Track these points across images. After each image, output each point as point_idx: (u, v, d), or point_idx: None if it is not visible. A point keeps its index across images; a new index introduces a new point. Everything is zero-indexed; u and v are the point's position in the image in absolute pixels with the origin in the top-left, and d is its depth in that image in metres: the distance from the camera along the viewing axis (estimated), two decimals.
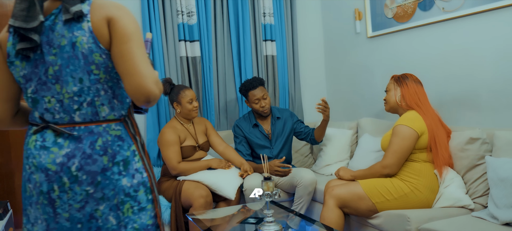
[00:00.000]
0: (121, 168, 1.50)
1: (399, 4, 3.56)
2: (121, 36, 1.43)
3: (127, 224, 1.51)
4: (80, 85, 1.46)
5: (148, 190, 1.56)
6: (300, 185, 3.24)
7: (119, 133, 1.52)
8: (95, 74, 1.47)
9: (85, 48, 1.44)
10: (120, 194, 1.50)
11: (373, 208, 2.68)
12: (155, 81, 1.44)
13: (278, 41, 4.27)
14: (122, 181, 1.50)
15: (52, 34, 1.45)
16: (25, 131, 1.62)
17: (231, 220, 2.80)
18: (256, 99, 3.50)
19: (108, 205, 1.49)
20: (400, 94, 2.88)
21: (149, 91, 1.42)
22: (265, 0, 4.18)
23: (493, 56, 2.90)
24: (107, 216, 1.49)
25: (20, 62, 1.49)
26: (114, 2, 1.50)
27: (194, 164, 3.28)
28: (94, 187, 1.47)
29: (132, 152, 1.54)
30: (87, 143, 1.47)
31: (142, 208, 1.54)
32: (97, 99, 1.49)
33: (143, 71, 1.41)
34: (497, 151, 2.54)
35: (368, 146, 3.43)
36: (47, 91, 1.48)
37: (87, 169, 1.45)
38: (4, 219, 3.00)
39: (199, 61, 3.91)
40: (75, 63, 1.45)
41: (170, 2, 3.77)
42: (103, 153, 1.47)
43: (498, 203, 2.30)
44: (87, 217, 1.48)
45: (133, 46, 1.43)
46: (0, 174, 3.51)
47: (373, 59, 3.93)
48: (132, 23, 1.46)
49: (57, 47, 1.45)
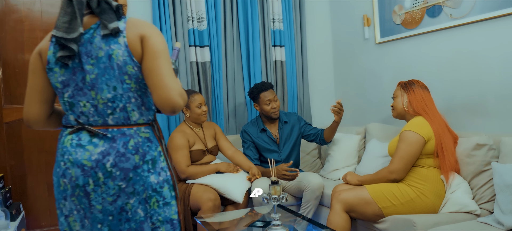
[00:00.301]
0: (149, 166, 1.67)
1: (407, 10, 3.58)
2: (152, 53, 1.61)
3: (152, 216, 1.68)
4: (114, 92, 1.63)
5: (171, 187, 1.73)
6: (308, 189, 3.27)
7: (148, 135, 1.69)
8: (127, 84, 1.64)
9: (120, 60, 1.61)
10: (148, 189, 1.67)
11: (379, 212, 2.70)
12: (180, 94, 1.61)
13: (287, 47, 4.31)
14: (150, 177, 1.67)
15: (90, 46, 1.62)
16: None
17: (239, 223, 2.83)
18: (268, 100, 3.53)
19: (137, 199, 1.65)
20: (407, 101, 2.90)
21: (174, 103, 1.59)
22: (275, 6, 4.23)
23: (500, 63, 2.91)
24: (136, 208, 1.66)
25: (59, 69, 1.65)
26: (146, 22, 1.69)
27: (203, 168, 3.32)
28: (126, 182, 1.63)
29: (158, 152, 1.71)
30: (121, 143, 1.63)
31: (167, 202, 1.71)
32: (129, 105, 1.65)
33: (170, 85, 1.58)
34: (504, 157, 2.55)
35: (376, 151, 3.45)
36: (83, 96, 1.65)
37: (121, 166, 1.61)
38: (16, 220, 3.07)
39: (209, 66, 3.96)
40: (110, 73, 1.62)
41: (181, 8, 3.83)
42: (135, 152, 1.64)
43: (504, 209, 2.31)
44: (118, 210, 1.65)
45: (162, 63, 1.60)
46: (13, 176, 3.58)
47: (381, 65, 3.95)
48: (162, 42, 1.64)
49: (94, 58, 1.61)
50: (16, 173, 3.59)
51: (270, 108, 3.54)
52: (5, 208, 2.88)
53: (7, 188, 3.23)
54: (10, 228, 2.87)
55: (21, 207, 3.42)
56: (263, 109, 3.57)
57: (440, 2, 3.27)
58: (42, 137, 3.64)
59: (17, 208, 3.22)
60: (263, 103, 3.55)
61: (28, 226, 3.60)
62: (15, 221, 3.04)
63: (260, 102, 3.57)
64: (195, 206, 3.12)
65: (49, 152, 3.67)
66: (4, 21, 3.53)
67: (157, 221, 1.70)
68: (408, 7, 3.58)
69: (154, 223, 1.70)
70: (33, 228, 3.63)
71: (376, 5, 3.92)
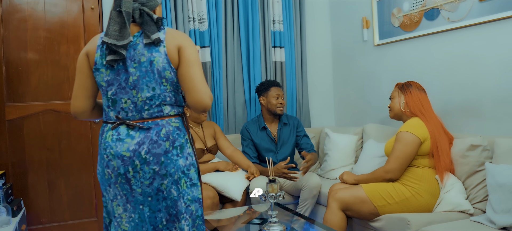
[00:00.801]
0: (178, 151, 1.91)
1: (406, 13, 3.63)
2: (187, 62, 1.88)
3: (184, 196, 1.92)
4: (152, 92, 1.89)
5: (196, 170, 1.98)
6: (305, 188, 3.31)
7: (177, 125, 1.94)
8: (164, 86, 1.90)
9: (160, 66, 1.87)
10: (178, 171, 1.91)
11: (375, 211, 2.75)
12: (210, 97, 1.90)
13: (287, 48, 4.36)
14: (179, 161, 1.91)
15: (134, 51, 1.89)
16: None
17: (237, 221, 2.87)
18: (276, 95, 3.63)
19: (170, 180, 1.90)
20: (404, 102, 2.94)
21: (205, 104, 1.89)
22: (275, 8, 4.27)
23: (496, 66, 2.94)
24: (170, 188, 1.90)
25: (105, 70, 1.92)
26: (183, 34, 1.96)
27: (202, 166, 3.36)
28: (159, 166, 1.87)
29: (186, 139, 1.96)
30: (154, 132, 1.88)
31: (194, 184, 1.96)
32: (164, 102, 1.92)
33: (202, 89, 1.87)
34: (497, 158, 2.59)
35: (372, 151, 3.49)
36: (125, 94, 1.91)
37: (154, 151, 1.86)
38: (17, 216, 3.11)
39: (209, 66, 4.01)
40: (150, 76, 1.88)
41: (182, 9, 3.88)
42: (165, 139, 1.88)
43: (496, 208, 2.36)
44: (155, 191, 1.90)
45: (196, 70, 1.88)
46: (14, 173, 3.62)
47: (380, 66, 3.99)
48: (195, 52, 1.91)
49: (137, 62, 1.88)
50: (18, 170, 3.64)
51: (277, 103, 3.61)
52: (6, 204, 2.93)
53: (8, 185, 3.27)
54: (11, 224, 2.91)
55: (22, 203, 3.46)
56: (270, 103, 3.63)
57: (438, 5, 3.32)
58: (44, 135, 3.69)
59: (18, 204, 3.26)
60: (271, 97, 3.62)
61: (29, 223, 3.64)
62: (16, 217, 3.09)
63: (268, 95, 3.64)
64: None
65: (51, 150, 3.71)
66: (8, 20, 3.58)
67: (187, 200, 1.93)
68: (406, 10, 3.62)
69: (186, 202, 1.93)
70: (34, 224, 3.67)
71: (375, 7, 3.96)
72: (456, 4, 3.16)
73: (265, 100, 3.67)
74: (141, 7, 1.91)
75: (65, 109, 3.73)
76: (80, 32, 3.79)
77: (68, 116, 3.74)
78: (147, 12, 1.90)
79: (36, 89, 3.67)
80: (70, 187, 3.78)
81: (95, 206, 3.85)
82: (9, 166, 3.59)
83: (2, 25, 3.57)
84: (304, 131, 3.76)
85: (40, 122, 3.68)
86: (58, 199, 3.75)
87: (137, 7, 1.91)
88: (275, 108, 3.62)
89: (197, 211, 1.96)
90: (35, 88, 3.67)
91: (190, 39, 1.95)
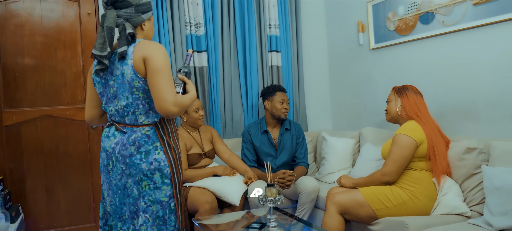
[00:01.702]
0: (142, 156, 2.11)
1: (401, 17, 3.66)
2: (151, 71, 2.02)
3: (144, 196, 2.12)
4: (127, 101, 2.13)
5: (164, 175, 2.13)
6: (303, 192, 3.32)
7: (148, 133, 2.14)
8: (136, 94, 2.11)
9: (129, 77, 2.08)
10: (140, 174, 2.11)
11: (373, 214, 2.76)
12: (174, 103, 2.02)
13: (283, 52, 4.38)
14: (142, 165, 2.11)
15: (113, 66, 2.15)
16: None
17: (236, 225, 2.88)
18: (282, 99, 3.64)
19: (133, 180, 2.13)
20: (401, 105, 2.97)
21: (167, 111, 2.02)
22: (271, 12, 4.30)
23: (491, 69, 2.98)
24: (132, 187, 2.13)
25: (98, 83, 2.22)
26: (152, 44, 2.10)
27: (200, 171, 3.37)
28: (125, 166, 2.13)
29: (154, 147, 2.13)
30: (126, 136, 2.14)
31: (157, 187, 2.13)
32: (137, 110, 2.13)
33: (164, 97, 2.00)
34: (493, 161, 2.61)
35: (370, 154, 3.51)
36: (111, 104, 2.20)
37: (122, 153, 2.13)
38: (16, 222, 3.11)
39: (206, 71, 4.02)
40: (124, 87, 2.11)
41: (179, 14, 3.89)
42: (132, 144, 2.12)
43: (493, 211, 2.38)
44: (122, 186, 2.17)
45: (160, 79, 2.01)
46: (12, 178, 3.62)
47: (376, 70, 4.02)
48: (160, 61, 2.03)
49: (115, 75, 2.14)
50: (15, 175, 3.63)
51: (282, 108, 3.63)
52: (5, 210, 2.92)
53: (6, 191, 3.27)
54: (10, 230, 2.91)
55: (20, 209, 3.46)
56: (275, 107, 3.64)
57: (432, 9, 3.35)
58: (41, 140, 3.69)
59: (17, 210, 3.26)
60: (277, 101, 3.64)
61: (27, 228, 3.63)
62: (15, 223, 3.08)
63: (273, 100, 3.65)
64: (193, 209, 3.17)
65: (48, 155, 3.71)
66: (4, 26, 3.58)
67: (149, 201, 2.12)
68: (401, 14, 3.66)
69: (146, 202, 2.12)
70: (32, 230, 3.67)
71: (370, 11, 3.99)
72: (451, 8, 3.19)
73: (270, 104, 3.68)
74: (125, 22, 2.12)
75: (63, 115, 3.73)
76: (77, 37, 3.79)
77: (66, 121, 3.75)
78: (125, 27, 2.10)
79: (33, 95, 3.67)
80: (68, 193, 3.78)
81: (93, 211, 3.85)
82: (7, 171, 3.59)
83: None
84: (302, 139, 3.76)
85: (37, 127, 3.68)
86: (56, 205, 3.75)
87: (121, 23, 2.13)
88: (279, 113, 3.63)
89: (158, 212, 2.14)
90: (32, 94, 3.67)
91: (159, 49, 2.07)
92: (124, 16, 2.13)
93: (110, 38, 2.09)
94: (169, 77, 2.04)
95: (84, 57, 3.80)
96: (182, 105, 2.07)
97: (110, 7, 2.13)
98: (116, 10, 2.13)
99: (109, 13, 2.11)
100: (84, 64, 3.80)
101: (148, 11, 2.21)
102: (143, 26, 2.21)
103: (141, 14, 2.17)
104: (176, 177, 2.18)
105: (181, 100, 2.07)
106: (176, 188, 2.18)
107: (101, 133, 3.84)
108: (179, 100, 2.06)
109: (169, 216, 2.16)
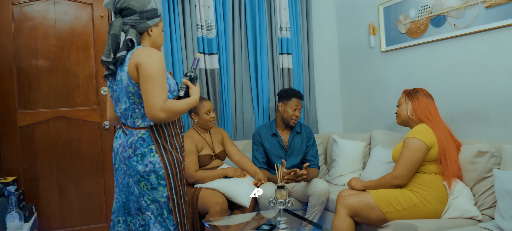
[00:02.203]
0: (138, 158, 2.19)
1: (412, 20, 3.65)
2: (142, 77, 2.09)
3: (144, 195, 2.21)
4: (125, 105, 2.23)
5: (159, 177, 2.19)
6: (314, 194, 3.33)
7: (143, 136, 2.21)
8: (132, 99, 2.19)
9: (125, 83, 2.17)
10: (137, 175, 2.20)
11: (383, 217, 2.76)
12: (161, 110, 2.07)
13: (294, 55, 4.39)
14: (138, 167, 2.19)
15: (117, 72, 2.23)
16: None
17: (246, 227, 2.89)
18: (295, 106, 3.64)
19: (133, 180, 2.23)
20: (411, 108, 2.96)
21: (153, 116, 2.09)
22: (282, 15, 4.31)
23: (503, 72, 2.96)
24: (133, 186, 2.24)
25: (109, 88, 2.35)
26: (146, 50, 2.15)
27: (211, 173, 3.39)
28: (126, 166, 2.24)
29: (149, 149, 2.20)
30: (126, 138, 2.24)
31: (154, 187, 2.20)
32: (134, 114, 2.22)
33: (151, 103, 2.07)
34: (505, 164, 2.60)
35: (380, 157, 3.50)
36: (117, 107, 2.32)
37: (122, 154, 2.25)
38: (29, 222, 3.15)
39: (217, 73, 4.04)
40: (123, 92, 2.21)
41: (190, 17, 3.92)
42: (129, 147, 2.21)
43: (504, 215, 2.37)
44: (126, 185, 2.29)
45: (149, 84, 2.07)
46: (25, 179, 3.67)
47: (387, 73, 4.01)
48: (151, 67, 2.08)
49: (117, 80, 2.23)
50: (29, 175, 3.68)
51: (293, 115, 3.63)
52: (19, 210, 2.97)
53: (20, 191, 3.31)
54: (23, 229, 2.95)
55: (34, 209, 3.51)
56: (286, 112, 3.65)
57: (444, 12, 3.34)
58: (55, 142, 3.74)
59: (30, 210, 3.31)
60: (290, 107, 3.64)
61: (40, 228, 3.68)
62: (28, 223, 3.13)
63: (287, 104, 3.66)
64: (203, 210, 3.19)
65: (61, 156, 3.76)
66: (19, 28, 3.64)
67: (148, 200, 2.21)
68: (413, 16, 3.65)
69: (146, 201, 2.21)
70: (45, 229, 3.72)
71: (381, 14, 3.99)
72: (463, 11, 3.18)
73: (282, 107, 3.69)
74: (130, 29, 2.22)
75: (76, 116, 3.78)
76: (90, 40, 3.84)
77: (79, 122, 3.80)
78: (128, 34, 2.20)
79: (47, 96, 3.73)
80: (80, 193, 3.83)
81: (105, 211, 3.90)
82: (20, 172, 3.64)
83: (13, 33, 3.63)
84: (313, 142, 3.76)
85: (51, 128, 3.73)
86: (69, 205, 3.79)
87: (127, 30, 2.22)
88: (289, 119, 3.64)
89: (158, 210, 2.22)
90: (46, 95, 3.72)
91: (151, 55, 2.11)
92: (130, 23, 2.21)
93: (115, 45, 2.20)
94: (161, 83, 2.09)
95: (97, 59, 3.84)
96: (172, 111, 2.12)
97: (118, 16, 2.23)
98: (123, 18, 2.22)
99: (115, 21, 2.22)
100: (97, 67, 3.85)
101: (154, 18, 2.26)
102: (150, 33, 2.27)
103: (146, 21, 2.23)
104: (172, 179, 2.23)
105: (170, 106, 2.11)
106: (171, 190, 2.23)
107: (113, 134, 3.88)
108: (169, 106, 2.10)
109: (168, 216, 2.23)
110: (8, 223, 2.87)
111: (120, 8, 2.21)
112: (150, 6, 2.25)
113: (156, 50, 2.17)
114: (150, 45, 2.28)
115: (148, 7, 2.24)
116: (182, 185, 2.29)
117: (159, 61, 2.11)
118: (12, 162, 3.62)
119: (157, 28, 2.30)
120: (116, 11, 2.24)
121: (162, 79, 2.10)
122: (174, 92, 2.25)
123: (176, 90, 2.27)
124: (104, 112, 3.86)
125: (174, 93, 2.25)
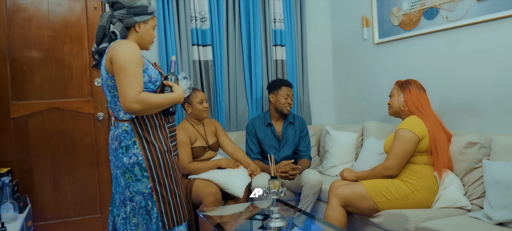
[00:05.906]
0: (123, 150, 2.24)
1: (405, 12, 3.67)
2: (116, 69, 2.11)
3: (129, 187, 2.26)
4: (109, 98, 2.29)
5: (142, 169, 2.24)
6: (306, 185, 3.36)
7: (127, 129, 2.25)
8: (111, 92, 2.25)
9: (104, 76, 2.24)
10: (123, 167, 2.25)
11: (374, 207, 2.80)
12: (134, 101, 2.08)
13: (288, 46, 4.41)
14: (123, 159, 2.24)
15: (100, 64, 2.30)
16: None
17: (240, 217, 2.92)
18: (286, 95, 3.68)
19: (119, 172, 2.29)
20: (403, 100, 2.99)
21: (127, 108, 2.10)
22: (276, 7, 4.32)
23: (494, 65, 2.99)
24: (120, 178, 2.30)
25: None
26: (119, 43, 2.17)
27: (204, 164, 3.41)
28: (114, 158, 2.30)
29: (133, 142, 2.24)
30: (113, 131, 2.30)
31: (138, 179, 2.24)
32: (116, 107, 2.27)
33: (125, 95, 2.08)
34: (495, 155, 2.64)
35: (372, 148, 3.54)
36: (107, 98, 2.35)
37: (111, 146, 2.31)
38: (24, 213, 3.16)
39: (211, 65, 4.05)
40: (105, 85, 2.27)
41: (184, 8, 3.92)
42: (115, 139, 2.27)
43: (493, 204, 2.41)
44: (115, 175, 2.36)
45: (121, 77, 2.09)
46: (20, 170, 3.67)
47: (380, 65, 4.04)
48: (123, 59, 2.09)
49: (101, 74, 2.28)
50: (23, 167, 3.69)
51: (285, 102, 3.67)
52: (13, 201, 2.98)
53: (14, 182, 3.32)
54: (18, 220, 2.97)
55: (28, 200, 3.51)
56: (278, 101, 3.68)
57: (436, 4, 3.36)
58: (49, 133, 3.74)
59: (24, 201, 3.31)
60: (281, 96, 3.67)
61: (34, 219, 3.69)
62: (23, 214, 3.13)
63: (278, 94, 3.69)
64: (197, 200, 3.21)
65: (55, 147, 3.76)
66: (12, 19, 3.63)
67: (133, 191, 2.26)
68: (406, 9, 3.67)
69: (131, 193, 2.26)
70: (39, 220, 3.73)
71: (375, 6, 4.01)
72: (455, 3, 3.21)
73: (274, 98, 3.72)
74: (117, 22, 2.25)
75: (69, 107, 3.78)
76: (83, 31, 3.84)
77: (72, 113, 3.80)
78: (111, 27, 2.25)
79: (40, 88, 3.72)
80: (74, 184, 3.83)
81: (99, 202, 3.91)
82: (14, 163, 3.64)
83: (6, 25, 3.61)
84: (306, 132, 3.79)
85: (44, 119, 3.73)
86: (63, 196, 3.80)
87: (115, 22, 2.26)
88: (282, 108, 3.67)
89: (141, 202, 2.26)
90: (40, 87, 3.72)
91: (124, 47, 2.13)
92: (118, 17, 2.25)
93: (101, 36, 2.26)
94: (134, 75, 2.09)
95: (90, 50, 3.82)
96: (146, 102, 2.11)
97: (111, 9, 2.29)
98: (113, 11, 2.27)
99: (105, 13, 2.27)
100: (90, 58, 3.84)
101: (142, 15, 2.27)
102: (137, 29, 2.28)
103: (134, 16, 2.25)
104: (154, 171, 2.25)
105: (144, 98, 2.11)
106: (154, 181, 2.25)
107: (106, 125, 3.89)
108: (142, 97, 2.10)
109: (152, 207, 2.26)
110: (2, 214, 2.88)
111: (112, 1, 2.26)
112: (140, 2, 2.26)
113: (130, 43, 2.17)
114: (135, 41, 2.29)
115: (137, 4, 2.26)
116: (168, 176, 2.30)
117: (132, 53, 2.12)
118: (6, 153, 3.62)
119: (145, 25, 2.31)
120: (109, 3, 2.29)
121: (135, 71, 2.10)
122: (156, 83, 2.25)
123: (158, 81, 2.27)
124: (98, 104, 3.86)
125: (156, 83, 2.25)
